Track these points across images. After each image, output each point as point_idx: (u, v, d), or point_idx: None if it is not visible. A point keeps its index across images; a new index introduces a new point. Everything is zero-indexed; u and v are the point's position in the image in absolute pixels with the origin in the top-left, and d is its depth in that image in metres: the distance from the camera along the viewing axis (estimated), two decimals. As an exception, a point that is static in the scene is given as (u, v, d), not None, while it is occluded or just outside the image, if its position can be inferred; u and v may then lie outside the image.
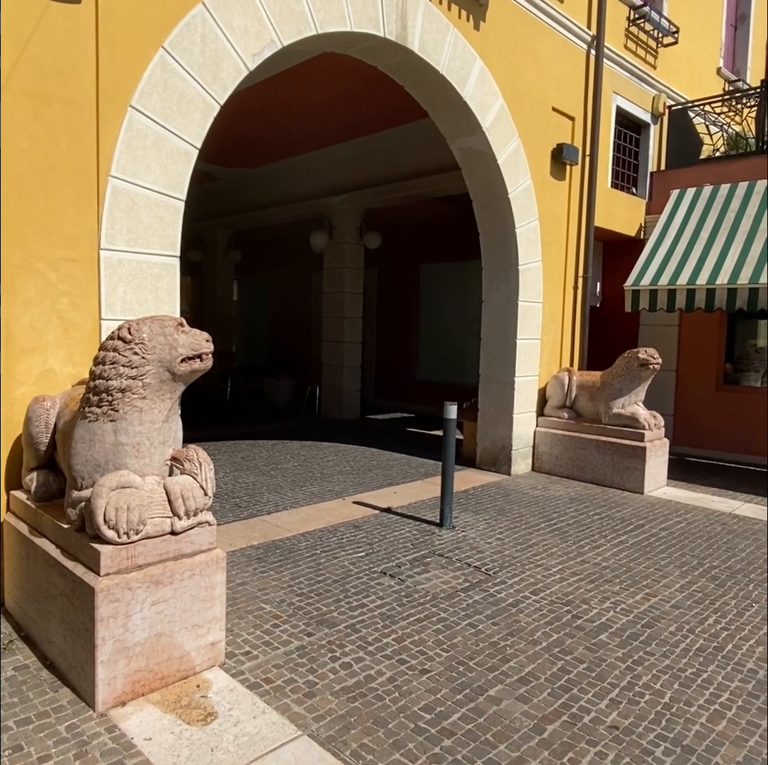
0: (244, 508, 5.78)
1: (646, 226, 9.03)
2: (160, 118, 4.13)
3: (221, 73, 4.43)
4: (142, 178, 4.07)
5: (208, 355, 2.87)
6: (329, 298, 11.50)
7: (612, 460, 6.93)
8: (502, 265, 7.31)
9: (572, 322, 8.13)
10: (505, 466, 7.39)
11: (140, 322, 2.82)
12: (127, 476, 2.81)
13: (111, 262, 3.95)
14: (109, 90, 3.90)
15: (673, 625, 3.72)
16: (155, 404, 2.81)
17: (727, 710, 2.90)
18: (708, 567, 4.66)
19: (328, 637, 3.44)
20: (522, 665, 3.22)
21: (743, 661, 3.33)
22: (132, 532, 2.74)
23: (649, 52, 8.96)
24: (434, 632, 3.53)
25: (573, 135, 7.76)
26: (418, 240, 12.29)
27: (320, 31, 4.97)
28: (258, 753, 2.49)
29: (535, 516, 5.78)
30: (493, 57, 6.60)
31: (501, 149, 6.80)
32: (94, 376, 2.81)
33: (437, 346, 12.41)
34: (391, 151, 9.55)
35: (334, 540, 4.97)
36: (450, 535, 5.16)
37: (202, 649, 3.02)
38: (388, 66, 6.07)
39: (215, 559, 3.03)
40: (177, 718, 2.69)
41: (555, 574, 4.44)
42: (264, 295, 15.86)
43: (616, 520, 5.75)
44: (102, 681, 2.71)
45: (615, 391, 6.97)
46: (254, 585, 4.07)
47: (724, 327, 8.67)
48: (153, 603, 2.82)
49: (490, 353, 7.51)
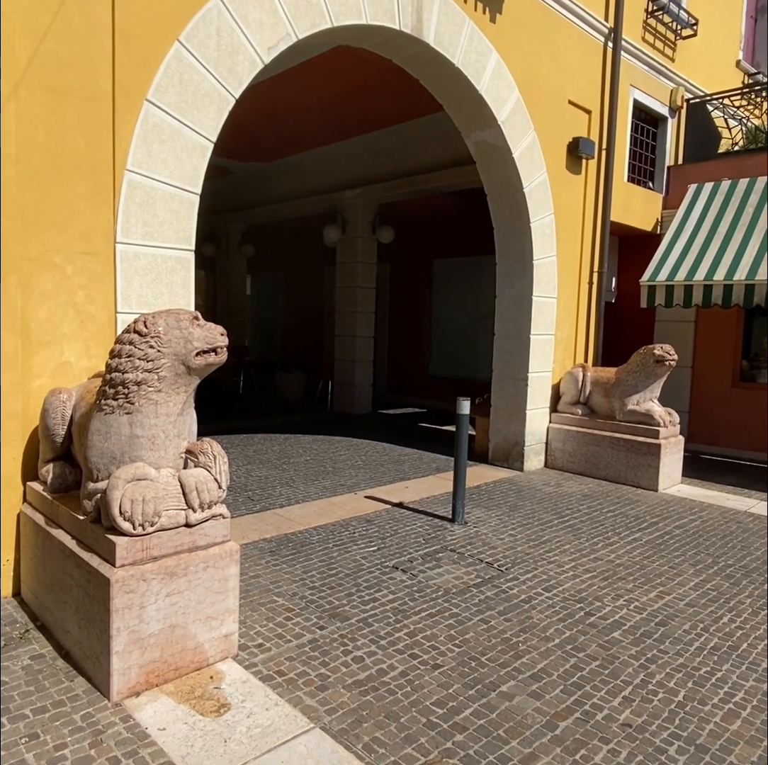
0: (256, 501, 5.81)
1: (662, 221, 8.93)
2: (176, 111, 4.14)
3: (237, 66, 4.43)
4: (157, 171, 4.08)
5: (222, 349, 2.87)
6: (342, 292, 11.49)
7: (626, 457, 6.88)
8: (517, 260, 7.27)
9: (587, 318, 8.07)
10: (517, 462, 7.37)
11: (156, 316, 2.83)
12: (143, 468, 2.83)
13: (127, 255, 3.97)
14: (125, 84, 3.91)
15: (687, 623, 3.69)
16: (170, 397, 2.82)
17: (742, 710, 2.87)
18: (723, 565, 4.62)
19: (341, 630, 3.45)
20: (534, 662, 3.21)
21: (758, 661, 3.29)
22: (147, 524, 2.76)
23: (668, 45, 8.84)
24: (446, 627, 3.53)
25: (589, 129, 7.69)
26: (431, 235, 12.25)
27: (336, 24, 4.95)
28: (271, 745, 2.51)
29: (548, 512, 5.76)
30: (509, 50, 6.54)
31: (516, 143, 6.75)
32: (110, 369, 2.82)
33: (450, 341, 12.37)
34: (405, 145, 9.52)
35: (346, 534, 4.98)
36: (462, 531, 5.15)
37: (215, 641, 3.04)
38: (404, 59, 6.03)
39: (229, 551, 3.04)
40: (191, 709, 2.71)
41: (568, 571, 4.42)
42: (277, 289, 15.89)
43: (629, 517, 5.71)
44: (117, 671, 2.74)
45: (630, 387, 6.91)
46: (267, 578, 4.09)
47: (741, 323, 8.56)
48: (167, 594, 2.84)
49: (503, 349, 7.47)
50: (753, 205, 7.62)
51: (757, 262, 6.97)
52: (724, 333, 8.62)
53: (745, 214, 7.60)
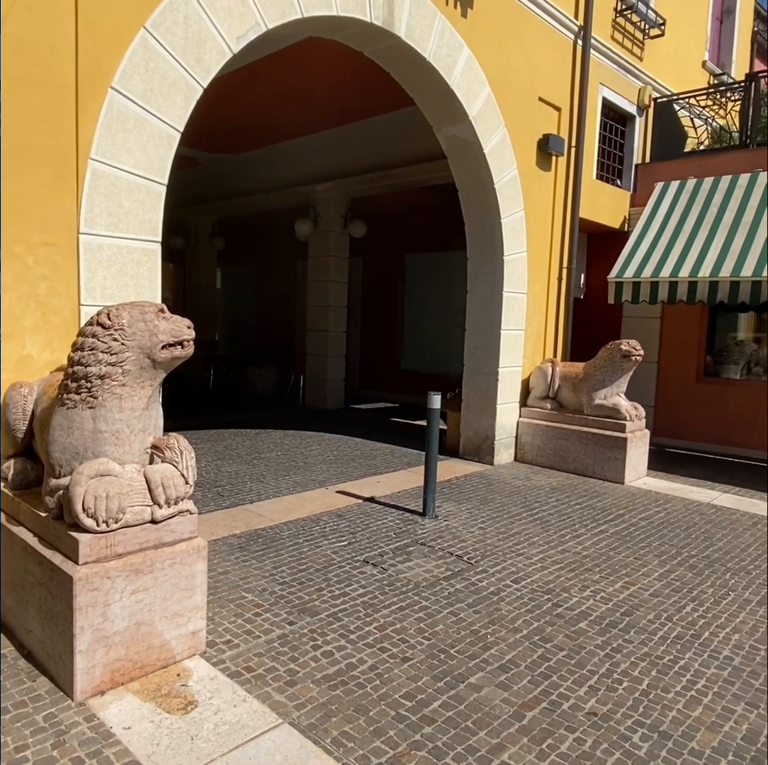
0: (226, 497, 5.75)
1: (630, 219, 9.07)
2: (142, 100, 4.05)
3: (204, 55, 4.35)
4: (122, 161, 3.99)
5: (189, 342, 2.83)
6: (314, 286, 11.43)
7: (593, 450, 6.98)
8: (487, 256, 7.31)
9: (556, 314, 8.16)
10: (488, 456, 7.43)
11: (120, 308, 2.77)
12: (107, 464, 2.77)
13: (90, 246, 3.88)
14: (89, 70, 3.81)
15: (652, 613, 3.77)
16: (135, 391, 2.77)
17: (704, 696, 2.94)
18: (686, 556, 4.72)
19: (310, 625, 3.44)
20: (502, 653, 3.25)
21: (720, 649, 3.38)
22: (111, 521, 2.71)
23: (636, 44, 8.96)
24: (416, 620, 3.54)
25: (559, 126, 7.76)
26: (404, 229, 12.25)
27: (306, 15, 4.89)
28: (238, 741, 2.49)
29: (517, 505, 5.82)
30: (480, 45, 6.55)
31: (487, 138, 6.78)
32: (73, 362, 2.76)
33: (422, 336, 12.40)
34: (378, 139, 9.48)
35: (316, 529, 4.96)
36: (433, 525, 5.17)
37: (182, 638, 3.01)
38: (375, 52, 6.00)
39: (196, 547, 3.00)
40: (157, 707, 2.68)
41: (536, 562, 4.47)
42: (248, 283, 15.73)
43: (596, 509, 5.80)
44: (80, 670, 2.69)
45: (597, 382, 7.01)
46: (236, 574, 4.06)
47: (705, 320, 8.75)
48: (133, 592, 2.80)
49: (474, 344, 7.52)
50: (717, 204, 7.78)
51: (720, 260, 7.13)
52: (688, 329, 8.80)
53: (709, 212, 7.76)
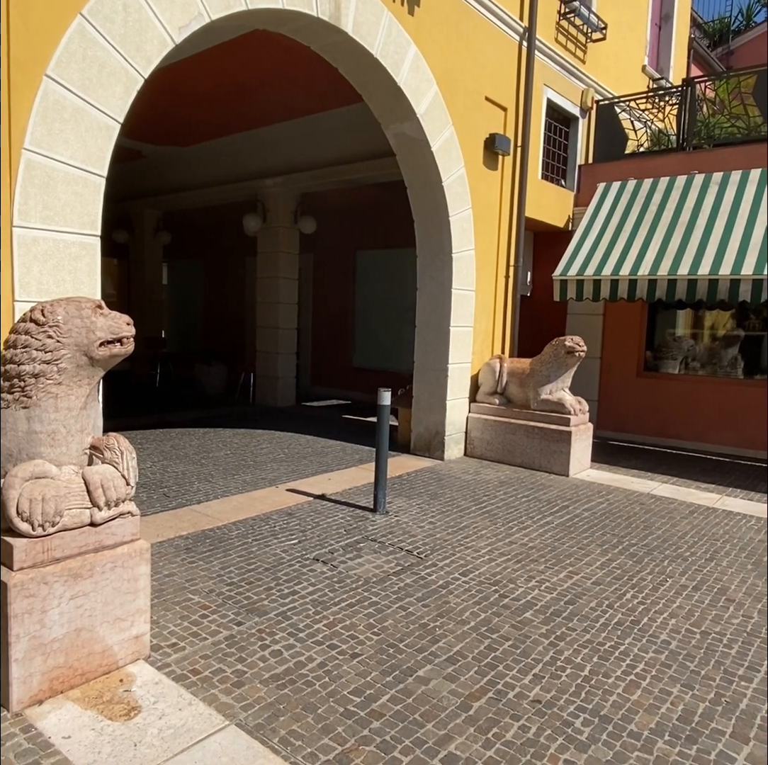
0: (172, 497, 5.63)
1: (574, 218, 9.30)
2: (79, 89, 3.92)
3: (145, 44, 4.24)
4: (59, 151, 3.85)
5: (128, 339, 2.76)
6: (263, 283, 11.29)
7: (540, 444, 7.15)
8: (436, 253, 7.37)
9: (504, 311, 8.30)
10: (438, 452, 7.50)
11: (55, 304, 2.68)
12: (42, 466, 2.68)
13: (25, 240, 3.73)
14: (22, 57, 3.66)
15: (594, 601, 3.89)
16: (72, 390, 2.68)
17: (642, 680, 3.05)
18: (627, 545, 4.89)
19: (258, 625, 3.41)
20: (450, 645, 3.29)
21: (657, 633, 3.51)
22: (48, 525, 2.62)
23: (579, 47, 9.18)
24: (365, 616, 3.56)
25: (505, 125, 7.88)
26: (355, 226, 12.22)
27: (251, 7, 4.82)
28: (183, 745, 2.45)
29: (467, 499, 5.90)
30: (428, 43, 6.59)
31: (435, 137, 6.83)
32: (5, 361, 2.65)
33: (373, 333, 12.42)
34: (328, 134, 9.43)
35: (266, 528, 4.91)
36: (383, 520, 5.19)
37: (125, 643, 2.93)
38: (322, 47, 5.97)
39: (138, 550, 2.93)
40: (98, 714, 2.61)
41: (484, 555, 4.55)
42: (196, 279, 15.41)
43: (542, 501, 5.94)
44: (16, 679, 2.59)
45: (543, 377, 7.18)
46: (182, 576, 3.98)
47: (646, 317, 9.07)
48: (72, 597, 2.71)
49: (424, 340, 7.58)
50: (656, 203, 8.06)
51: (659, 259, 7.38)
52: (630, 326, 9.09)
53: (648, 212, 8.03)
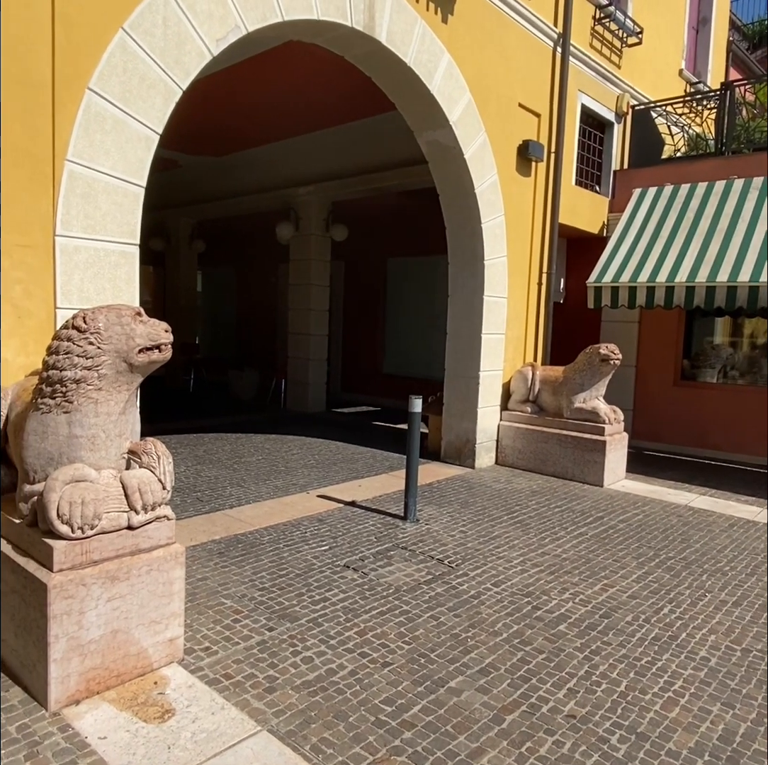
0: (205, 502, 5.70)
1: (608, 224, 9.17)
2: (120, 101, 4.02)
3: (184, 57, 4.33)
4: (100, 162, 3.95)
5: (166, 346, 2.80)
6: (295, 290, 11.40)
7: (573, 453, 7.04)
8: (468, 260, 7.34)
9: (536, 318, 8.22)
10: (469, 460, 7.45)
11: (96, 311, 2.74)
12: (82, 469, 2.73)
13: (67, 249, 3.83)
14: (66, 71, 3.77)
15: (630, 615, 3.80)
16: (111, 396, 2.74)
17: (681, 697, 2.97)
18: (664, 558, 4.78)
19: (290, 631, 3.42)
20: (483, 656, 3.25)
21: (696, 650, 3.42)
22: (87, 527, 2.67)
23: (614, 52, 9.08)
24: (396, 625, 3.54)
25: (539, 132, 7.83)
26: (386, 233, 12.26)
27: (286, 19, 4.89)
28: (216, 749, 2.46)
29: (498, 509, 5.84)
30: (461, 51, 6.59)
31: (468, 144, 6.82)
32: (48, 367, 2.72)
33: (403, 339, 12.42)
34: (360, 143, 9.49)
35: (297, 534, 4.93)
36: (414, 528, 5.17)
37: (159, 646, 2.97)
38: (356, 56, 6.01)
39: (174, 554, 2.97)
40: (133, 716, 2.64)
41: (516, 566, 4.49)
42: (229, 286, 15.63)
43: (576, 512, 5.85)
44: (55, 679, 2.64)
45: (576, 385, 7.08)
46: (215, 580, 4.02)
47: (683, 324, 8.88)
48: (109, 599, 2.76)
49: (455, 348, 7.54)
50: (694, 209, 7.90)
51: (697, 265, 7.23)
52: (666, 333, 8.92)
53: (686, 218, 7.88)
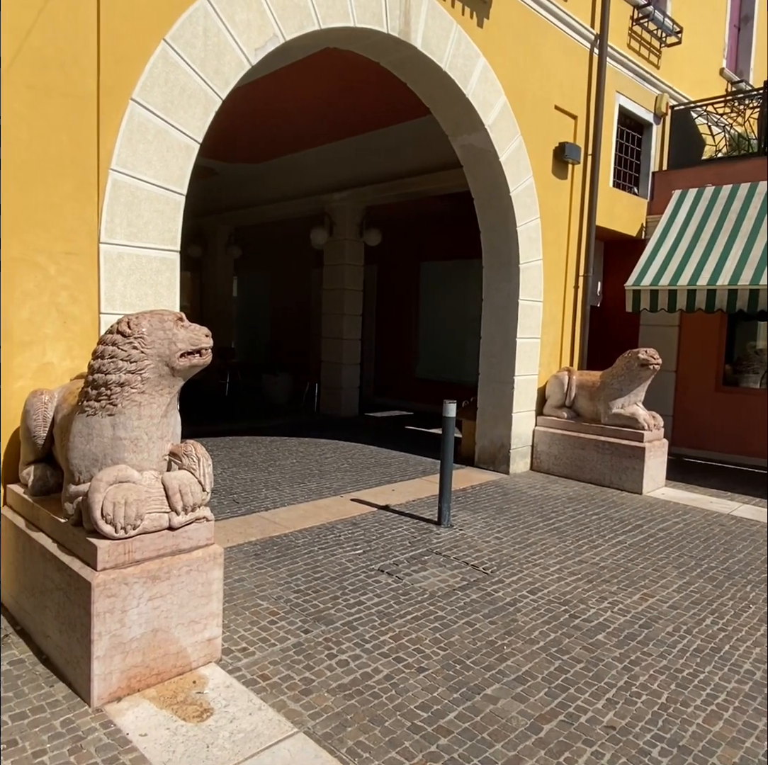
0: (241, 504, 5.77)
1: (647, 226, 9.01)
2: (162, 111, 4.11)
3: (223, 67, 4.41)
4: (142, 171, 4.05)
5: (207, 351, 2.85)
6: (329, 294, 11.48)
7: (611, 460, 6.92)
8: (503, 264, 7.29)
9: (572, 322, 8.12)
10: (503, 465, 7.38)
11: (139, 317, 2.80)
12: (125, 471, 2.80)
13: (111, 255, 3.94)
14: (110, 82, 3.88)
15: (671, 625, 3.72)
16: (154, 399, 2.80)
17: (724, 711, 2.89)
18: (705, 568, 4.66)
19: (325, 634, 3.43)
20: (519, 664, 3.22)
21: (740, 662, 3.32)
22: (129, 527, 2.73)
23: (653, 52, 8.93)
24: (431, 630, 3.52)
25: (575, 134, 7.74)
26: (419, 237, 12.27)
27: (323, 27, 4.94)
28: (254, 750, 2.49)
29: (534, 515, 5.77)
30: (496, 54, 6.57)
31: (503, 147, 6.78)
32: (93, 370, 2.79)
33: (437, 344, 12.39)
34: (393, 148, 9.53)
35: (331, 537, 4.96)
36: (448, 534, 5.15)
37: (198, 645, 3.01)
38: (391, 62, 6.05)
39: (213, 554, 3.02)
40: (173, 714, 2.68)
41: (553, 573, 4.43)
42: (264, 291, 15.82)
43: (614, 520, 5.74)
44: (98, 676, 2.70)
45: (615, 391, 6.95)
46: (251, 581, 4.06)
47: (725, 328, 8.66)
48: (150, 598, 2.81)
49: (489, 352, 7.49)
50: (736, 211, 7.71)
51: (740, 268, 7.05)
52: (707, 337, 8.71)
53: (728, 220, 7.69)
